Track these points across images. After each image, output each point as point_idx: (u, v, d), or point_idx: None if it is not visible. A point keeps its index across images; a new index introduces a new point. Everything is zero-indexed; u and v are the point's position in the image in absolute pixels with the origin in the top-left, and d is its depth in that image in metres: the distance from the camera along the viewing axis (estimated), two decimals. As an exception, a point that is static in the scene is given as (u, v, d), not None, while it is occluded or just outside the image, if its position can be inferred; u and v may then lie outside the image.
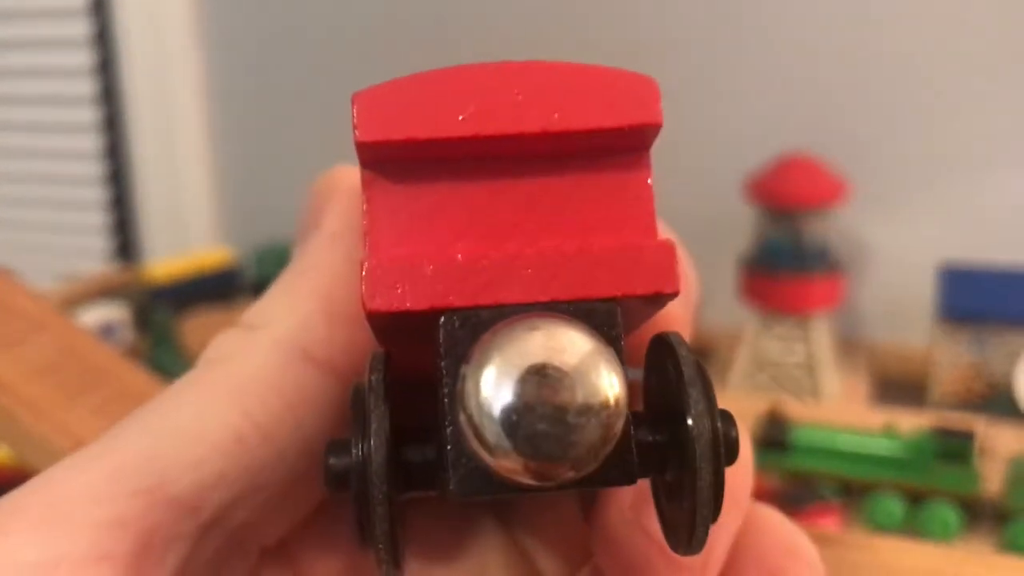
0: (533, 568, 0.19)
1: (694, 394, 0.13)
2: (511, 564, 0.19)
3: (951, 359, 0.79)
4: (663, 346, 0.14)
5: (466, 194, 0.14)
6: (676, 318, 0.16)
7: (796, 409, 0.71)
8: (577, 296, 0.13)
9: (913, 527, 0.61)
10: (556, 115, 0.13)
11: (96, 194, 1.22)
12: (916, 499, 0.62)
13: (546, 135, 0.13)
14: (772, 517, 0.17)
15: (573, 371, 0.12)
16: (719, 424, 0.13)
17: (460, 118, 0.13)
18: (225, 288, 1.01)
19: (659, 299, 0.14)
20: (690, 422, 0.12)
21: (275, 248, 1.03)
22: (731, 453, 0.13)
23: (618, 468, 0.13)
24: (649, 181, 0.14)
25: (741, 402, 0.78)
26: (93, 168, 1.21)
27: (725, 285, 0.85)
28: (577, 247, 0.13)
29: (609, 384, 0.12)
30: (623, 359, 0.13)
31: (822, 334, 0.81)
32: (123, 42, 1.15)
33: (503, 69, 0.13)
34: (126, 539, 0.14)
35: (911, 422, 0.67)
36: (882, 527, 0.61)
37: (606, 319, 0.13)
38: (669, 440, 0.13)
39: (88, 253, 1.23)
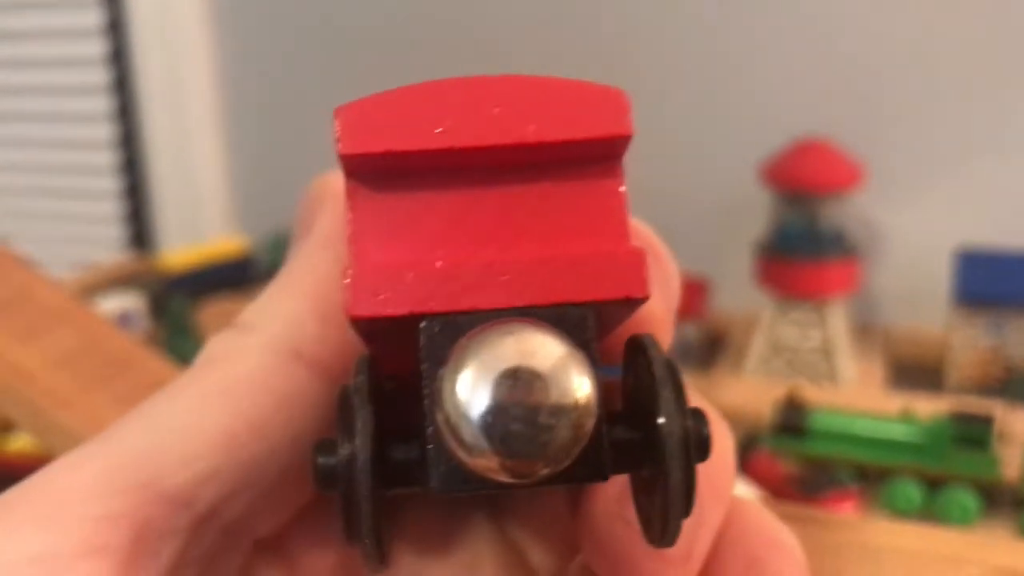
0: (524, 561, 0.19)
1: (664, 394, 0.13)
2: (502, 557, 0.19)
3: (968, 343, 0.79)
4: (637, 347, 0.14)
5: (445, 203, 0.14)
6: (654, 318, 0.17)
7: (813, 394, 0.71)
8: (551, 301, 0.14)
9: (931, 512, 0.61)
10: (531, 127, 0.14)
11: (110, 183, 1.23)
12: (934, 484, 0.62)
13: (521, 146, 0.14)
14: (755, 510, 0.18)
15: (545, 374, 0.12)
16: (690, 422, 0.13)
17: (438, 131, 0.14)
18: (240, 276, 1.01)
19: (630, 303, 0.14)
20: (660, 421, 0.13)
21: (289, 237, 1.03)
22: (702, 450, 0.14)
23: (590, 465, 0.13)
24: (621, 189, 0.15)
25: (758, 387, 0.78)
26: (107, 157, 1.22)
27: (741, 270, 0.85)
28: (551, 254, 0.14)
29: (579, 386, 0.12)
30: (595, 361, 0.13)
31: (838, 319, 0.81)
32: (136, 31, 1.15)
33: (480, 83, 0.14)
34: (120, 533, 0.14)
35: (929, 407, 0.67)
36: (900, 512, 0.61)
37: (578, 323, 0.13)
38: (644, 438, 0.14)
39: (103, 242, 1.24)
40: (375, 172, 0.14)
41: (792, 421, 0.65)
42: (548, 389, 0.12)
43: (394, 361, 0.14)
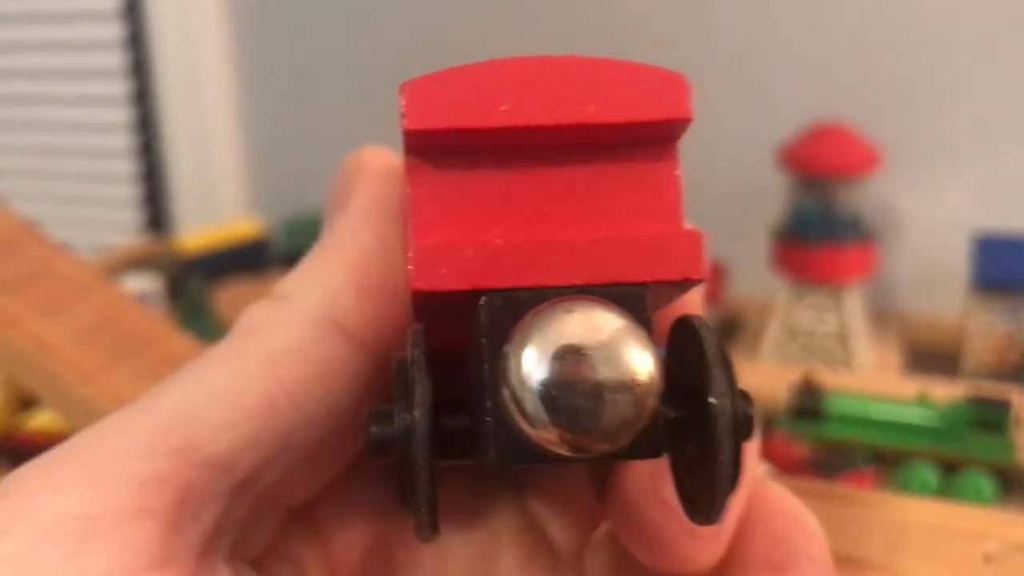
0: (543, 536, 0.20)
1: (717, 374, 0.13)
2: (522, 532, 0.19)
3: (985, 329, 0.79)
4: (687, 328, 0.14)
5: (504, 182, 0.14)
6: (692, 300, 0.17)
7: (829, 378, 0.71)
8: (610, 280, 0.14)
9: (947, 496, 0.61)
10: (591, 108, 0.14)
11: (127, 166, 1.23)
12: (950, 468, 0.62)
13: (581, 127, 0.14)
14: (778, 491, 0.18)
15: (608, 350, 0.12)
16: (739, 403, 0.13)
17: (502, 109, 0.14)
18: (256, 259, 1.02)
19: (686, 285, 0.14)
20: (712, 400, 0.13)
21: (305, 219, 1.04)
22: (748, 430, 0.14)
23: (646, 442, 0.13)
24: (677, 172, 0.15)
25: (773, 372, 0.78)
26: (124, 141, 1.22)
27: (757, 254, 0.84)
28: (610, 234, 0.14)
29: (642, 363, 0.12)
30: (654, 339, 0.13)
31: (854, 303, 0.80)
32: (152, 15, 1.15)
33: (542, 63, 0.14)
34: (164, 495, 0.14)
35: (945, 391, 0.66)
36: (917, 496, 0.61)
37: (637, 302, 0.14)
38: (690, 417, 0.14)
39: (120, 225, 1.24)
40: (437, 148, 0.14)
41: (808, 404, 0.65)
42: (611, 366, 0.12)
43: (443, 336, 0.15)
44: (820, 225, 0.79)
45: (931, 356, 0.83)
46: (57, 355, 0.38)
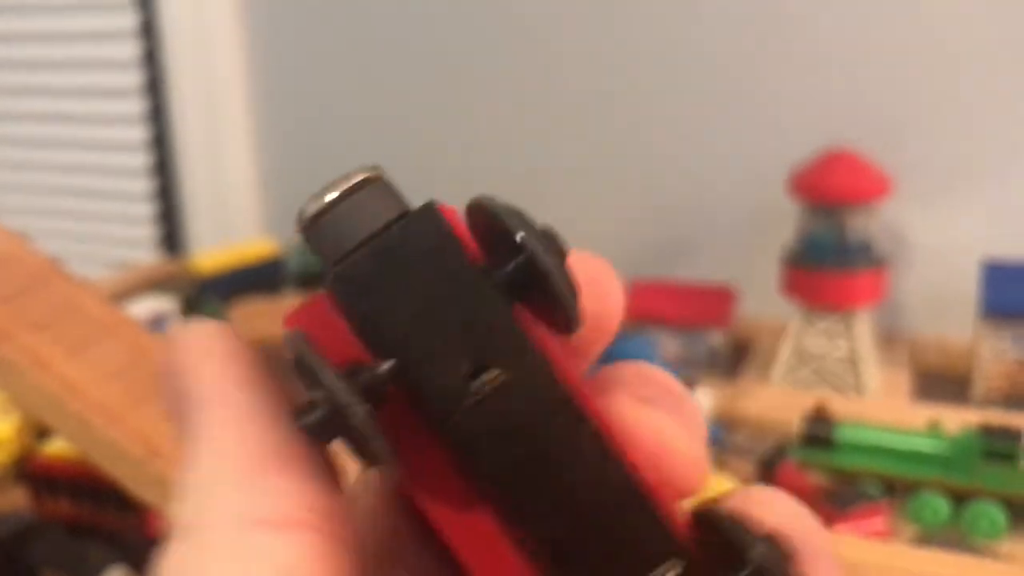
0: None
1: (513, 223, 0.15)
2: None
3: (995, 355, 0.79)
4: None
5: None
6: (684, 459, 0.17)
7: (841, 406, 0.71)
8: None
9: (959, 527, 0.61)
10: None
11: (143, 185, 1.24)
12: (962, 498, 0.62)
13: None
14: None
15: None
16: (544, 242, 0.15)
17: None
18: (270, 278, 1.02)
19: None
20: (519, 238, 0.15)
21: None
22: (560, 251, 0.16)
23: None
24: None
25: (784, 397, 0.79)
26: (140, 159, 1.23)
27: (768, 279, 0.85)
28: None
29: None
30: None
31: (865, 329, 0.81)
32: (169, 34, 1.16)
33: None
34: None
35: (956, 419, 0.67)
36: (927, 526, 0.62)
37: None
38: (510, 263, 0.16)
39: (135, 243, 1.25)
40: None
41: (819, 433, 0.66)
42: None
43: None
44: (832, 251, 0.80)
45: (941, 381, 0.84)
46: (84, 397, 0.39)
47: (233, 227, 1.18)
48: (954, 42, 0.84)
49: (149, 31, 1.19)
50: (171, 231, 1.25)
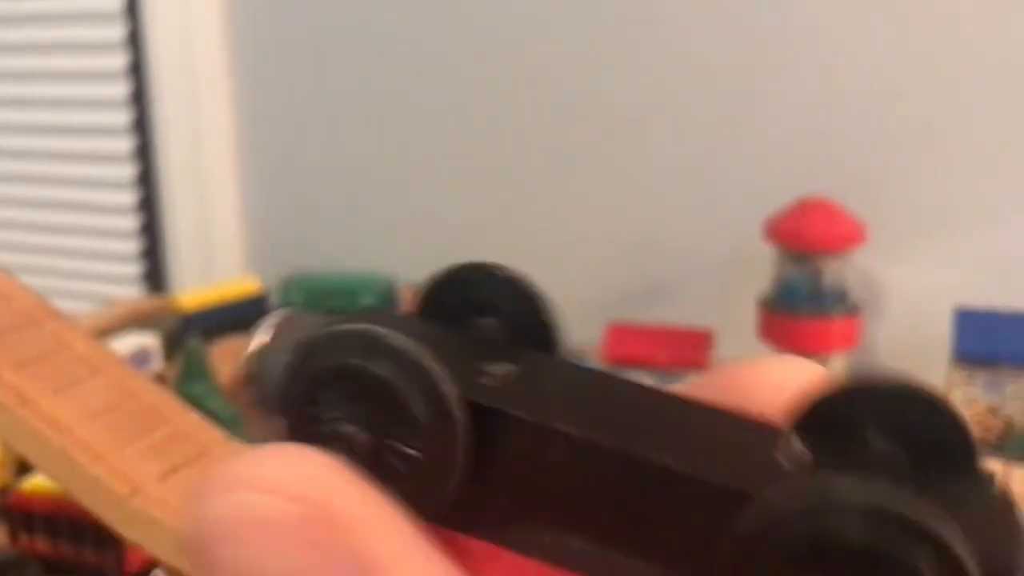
0: None
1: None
2: None
3: (967, 402, 0.80)
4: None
5: None
6: None
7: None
8: None
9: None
10: None
11: (128, 222, 1.25)
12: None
13: None
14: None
15: None
16: None
17: None
18: (253, 316, 1.02)
19: None
20: None
21: (300, 277, 1.05)
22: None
23: None
24: None
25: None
26: (125, 197, 1.24)
27: (745, 324, 0.86)
28: None
29: None
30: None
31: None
32: (155, 73, 1.18)
33: None
34: None
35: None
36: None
37: None
38: None
39: (119, 279, 1.26)
40: None
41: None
42: None
43: None
44: (807, 297, 0.81)
45: (914, 427, 0.85)
46: (69, 435, 0.40)
47: (216, 265, 1.19)
48: (927, 94, 0.87)
49: (137, 70, 1.20)
50: (155, 268, 1.25)
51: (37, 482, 0.67)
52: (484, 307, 0.16)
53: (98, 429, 0.41)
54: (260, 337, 0.16)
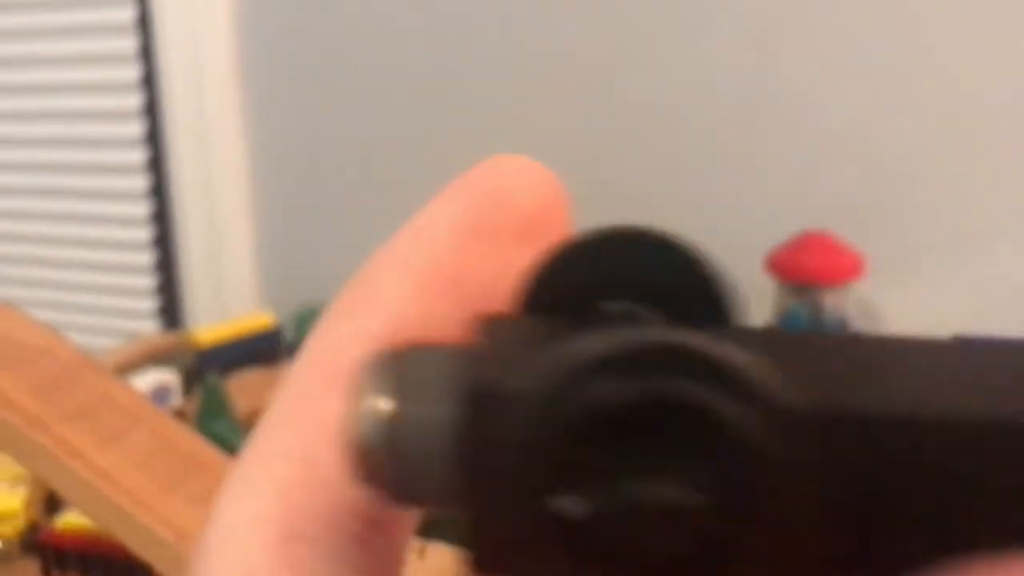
0: None
1: None
2: None
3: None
4: None
5: None
6: None
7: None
8: None
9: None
10: None
11: (143, 258, 1.28)
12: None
13: None
14: None
15: None
16: None
17: None
18: (268, 351, 1.05)
19: None
20: None
21: (313, 312, 1.08)
22: None
23: None
24: None
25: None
26: (140, 233, 1.27)
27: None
28: None
29: None
30: None
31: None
32: (169, 112, 1.21)
33: None
34: None
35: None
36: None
37: None
38: None
39: (135, 314, 1.28)
40: None
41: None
42: None
43: None
44: (808, 328, 0.84)
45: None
46: (116, 484, 0.42)
47: (231, 299, 1.21)
48: (921, 131, 0.90)
49: (152, 110, 1.23)
50: (170, 303, 1.28)
51: (69, 519, 0.70)
52: (616, 286, 0.13)
53: (142, 478, 0.43)
54: (372, 395, 0.11)
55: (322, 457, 0.13)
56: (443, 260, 0.14)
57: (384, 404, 0.11)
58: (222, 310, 1.20)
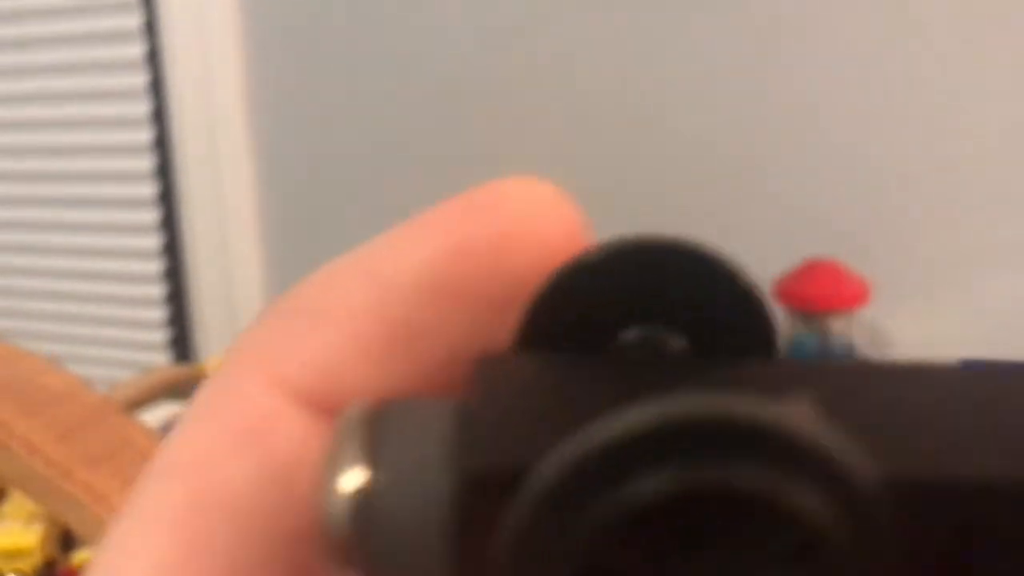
0: None
1: None
2: None
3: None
4: None
5: None
6: None
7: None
8: None
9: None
10: None
11: (153, 290, 1.29)
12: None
13: None
14: None
15: None
16: None
17: None
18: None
19: None
20: None
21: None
22: None
23: None
24: None
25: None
26: (151, 265, 1.28)
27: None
28: None
29: None
30: None
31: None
32: (179, 144, 1.22)
33: None
34: None
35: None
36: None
37: None
38: None
39: (146, 345, 1.29)
40: None
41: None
42: None
43: None
44: (816, 355, 0.84)
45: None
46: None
47: (241, 330, 1.22)
48: (923, 160, 0.90)
49: (162, 144, 1.24)
50: (181, 335, 1.29)
51: (84, 556, 0.70)
52: (635, 309, 0.11)
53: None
54: (348, 465, 0.09)
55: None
56: (403, 317, 0.12)
57: (357, 476, 0.09)
58: (232, 341, 1.20)
